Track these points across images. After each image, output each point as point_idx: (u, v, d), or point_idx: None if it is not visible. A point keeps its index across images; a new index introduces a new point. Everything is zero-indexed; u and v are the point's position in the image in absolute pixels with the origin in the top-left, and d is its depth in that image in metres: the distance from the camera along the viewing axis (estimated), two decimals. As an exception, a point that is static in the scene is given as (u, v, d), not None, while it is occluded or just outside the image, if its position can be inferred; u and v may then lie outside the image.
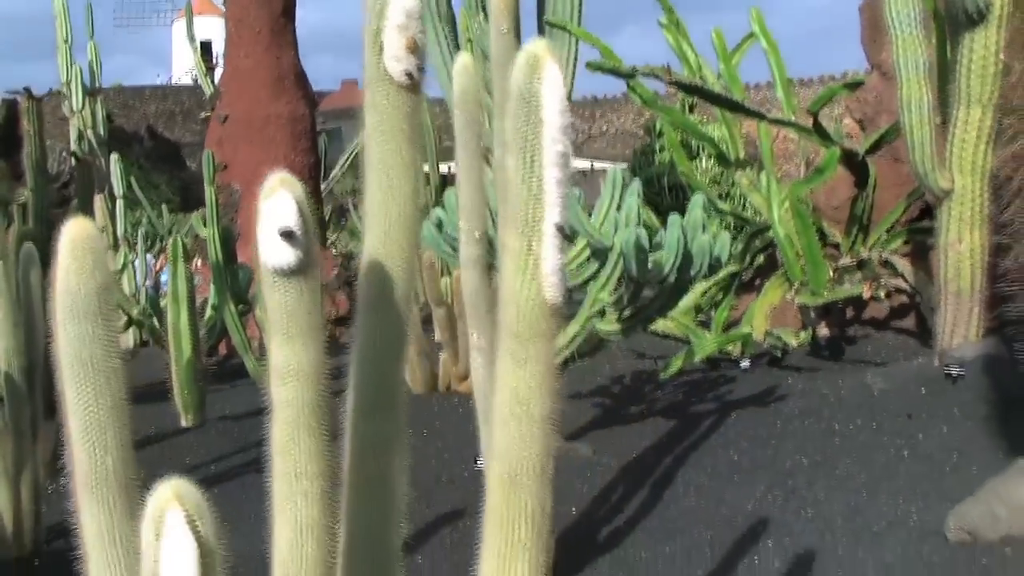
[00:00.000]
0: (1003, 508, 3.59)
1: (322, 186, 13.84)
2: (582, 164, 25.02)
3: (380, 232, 1.65)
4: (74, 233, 1.50)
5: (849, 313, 7.99)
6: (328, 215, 13.75)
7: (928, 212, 6.71)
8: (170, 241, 7.31)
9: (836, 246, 7.85)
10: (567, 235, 1.47)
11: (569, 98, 6.75)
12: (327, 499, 1.54)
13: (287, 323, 1.49)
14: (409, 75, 1.61)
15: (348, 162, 14.80)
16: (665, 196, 13.57)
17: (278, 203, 1.45)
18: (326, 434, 1.53)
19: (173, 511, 1.15)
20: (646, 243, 4.67)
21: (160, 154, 34.13)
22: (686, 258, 4.76)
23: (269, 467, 1.61)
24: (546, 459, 1.50)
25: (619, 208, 5.02)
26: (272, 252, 1.46)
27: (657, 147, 12.92)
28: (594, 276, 5.03)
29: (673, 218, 4.79)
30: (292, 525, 1.52)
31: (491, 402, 1.54)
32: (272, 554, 1.54)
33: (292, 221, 1.45)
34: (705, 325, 7.85)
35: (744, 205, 10.15)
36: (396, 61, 1.61)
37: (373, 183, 1.66)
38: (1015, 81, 4.03)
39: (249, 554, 1.78)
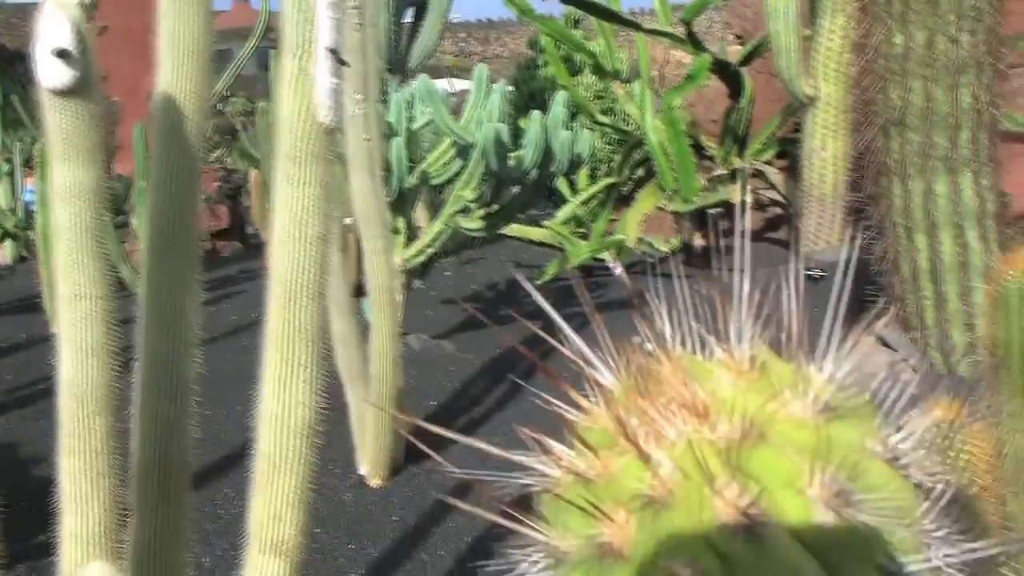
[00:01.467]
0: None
1: (205, 101, 13.60)
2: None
3: (171, 65, 1.67)
4: None
5: (724, 224, 8.13)
6: (211, 131, 13.56)
7: (805, 126, 6.83)
8: (37, 146, 7.14)
9: (713, 159, 7.95)
10: (340, 59, 1.50)
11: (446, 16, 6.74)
12: (110, 321, 1.57)
13: (65, 145, 1.50)
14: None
15: (232, 78, 14.63)
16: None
17: (53, 24, 1.45)
18: (108, 256, 1.55)
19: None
20: (506, 138, 4.70)
21: (46, 73, 33.17)
22: (547, 154, 4.80)
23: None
24: (322, 279, 1.54)
25: (484, 107, 5.04)
26: (48, 72, 1.47)
27: (541, 62, 12.90)
28: (458, 174, 5.06)
29: (534, 115, 4.83)
30: (75, 346, 1.54)
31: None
32: (59, 375, 1.57)
33: (67, 41, 1.46)
34: (586, 238, 7.94)
35: (626, 120, 10.21)
36: None
37: (166, 17, 1.68)
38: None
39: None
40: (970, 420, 1.55)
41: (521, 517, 0.61)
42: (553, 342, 0.71)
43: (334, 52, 1.48)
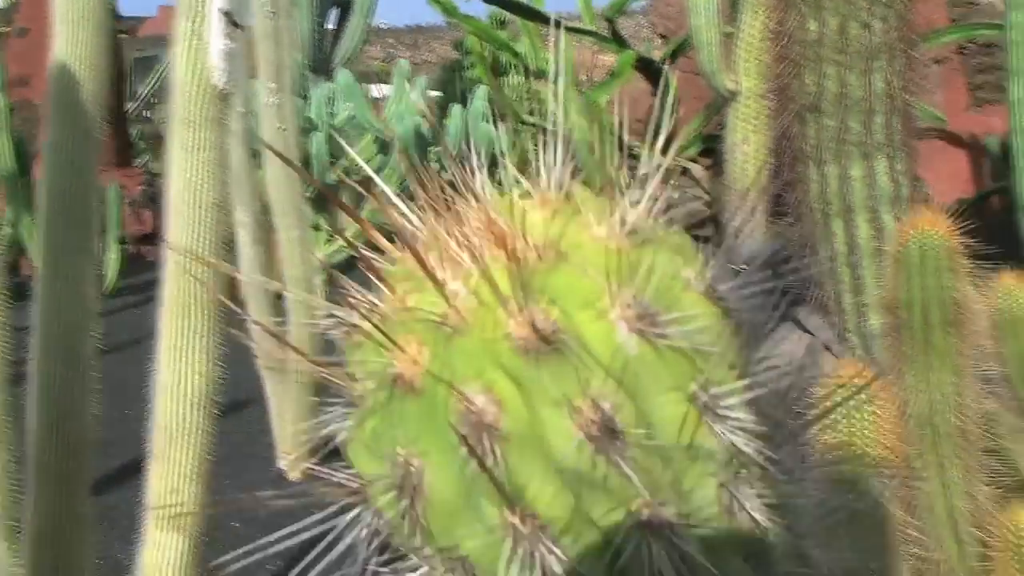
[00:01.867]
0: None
1: (128, 106, 13.42)
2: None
3: (67, 32, 1.64)
4: None
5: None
6: (136, 137, 13.40)
7: (732, 124, 6.86)
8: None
9: (637, 157, 7.97)
10: (235, 22, 1.47)
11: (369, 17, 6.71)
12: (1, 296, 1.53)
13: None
14: None
15: (156, 84, 14.51)
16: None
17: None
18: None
19: None
20: (426, 131, 4.68)
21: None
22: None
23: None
24: (218, 246, 1.51)
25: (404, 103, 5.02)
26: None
27: (467, 64, 12.88)
28: (379, 170, 5.03)
29: (454, 109, 4.82)
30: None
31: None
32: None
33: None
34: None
35: (552, 120, 10.21)
36: None
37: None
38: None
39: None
40: (875, 380, 1.55)
41: (325, 372, 0.59)
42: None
43: (228, 15, 1.46)
